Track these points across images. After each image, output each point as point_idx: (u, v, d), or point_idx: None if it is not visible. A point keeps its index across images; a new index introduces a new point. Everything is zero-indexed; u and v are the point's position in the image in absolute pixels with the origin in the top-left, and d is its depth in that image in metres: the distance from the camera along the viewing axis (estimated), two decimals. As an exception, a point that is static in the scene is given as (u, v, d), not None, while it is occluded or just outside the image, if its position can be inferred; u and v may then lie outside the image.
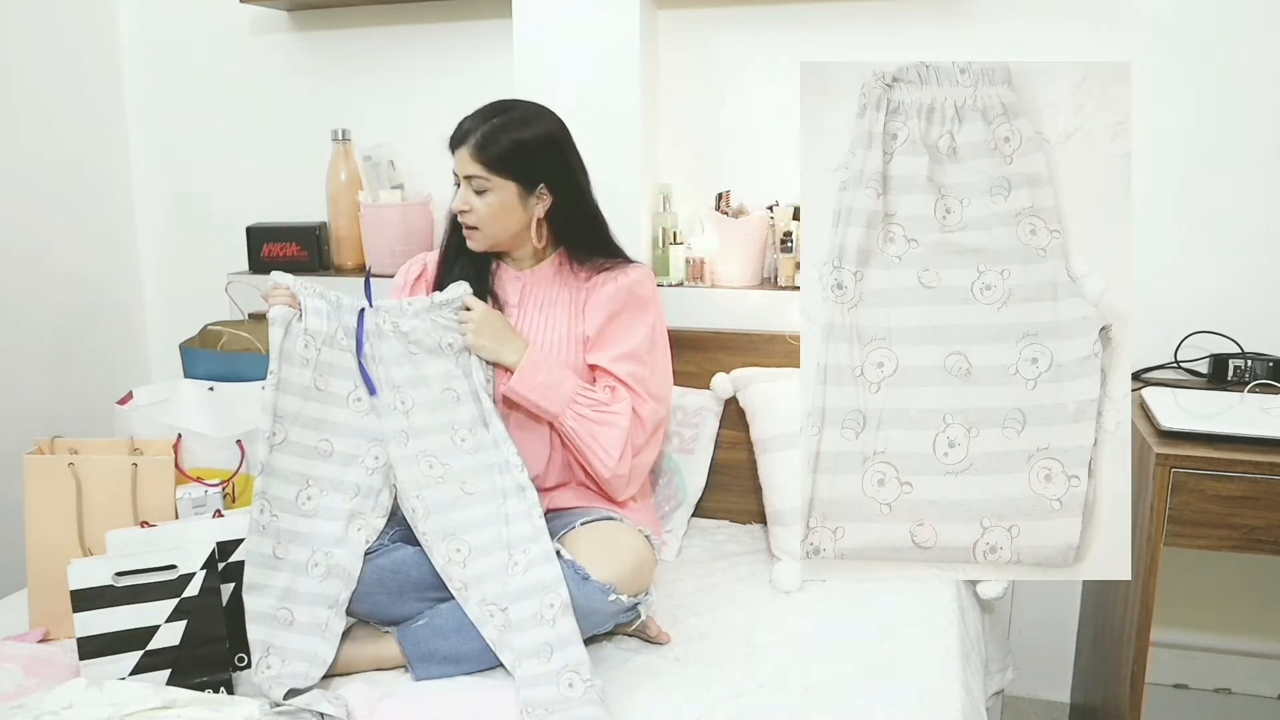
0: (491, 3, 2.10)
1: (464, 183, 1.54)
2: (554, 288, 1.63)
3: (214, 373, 1.91)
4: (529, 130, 1.53)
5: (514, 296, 1.63)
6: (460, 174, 1.54)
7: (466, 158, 1.52)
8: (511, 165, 1.52)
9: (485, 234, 1.57)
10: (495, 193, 1.53)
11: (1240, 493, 1.49)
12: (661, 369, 1.63)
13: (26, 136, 2.16)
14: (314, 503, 1.45)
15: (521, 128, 1.53)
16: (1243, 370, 1.80)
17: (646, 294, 1.61)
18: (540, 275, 1.64)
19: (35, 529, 1.56)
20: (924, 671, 1.39)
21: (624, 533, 1.50)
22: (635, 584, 1.43)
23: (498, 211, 1.54)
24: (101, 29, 2.36)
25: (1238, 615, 2.03)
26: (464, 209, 1.55)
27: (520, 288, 1.64)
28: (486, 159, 1.51)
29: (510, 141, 1.51)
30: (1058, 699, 2.12)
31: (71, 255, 2.29)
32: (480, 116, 1.53)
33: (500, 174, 1.52)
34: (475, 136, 1.51)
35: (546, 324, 1.61)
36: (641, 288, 1.60)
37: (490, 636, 1.38)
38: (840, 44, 1.97)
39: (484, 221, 1.55)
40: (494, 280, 1.65)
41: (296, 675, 1.35)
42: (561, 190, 1.57)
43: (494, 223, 1.55)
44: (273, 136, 2.35)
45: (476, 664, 1.40)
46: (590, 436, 1.52)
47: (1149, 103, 1.83)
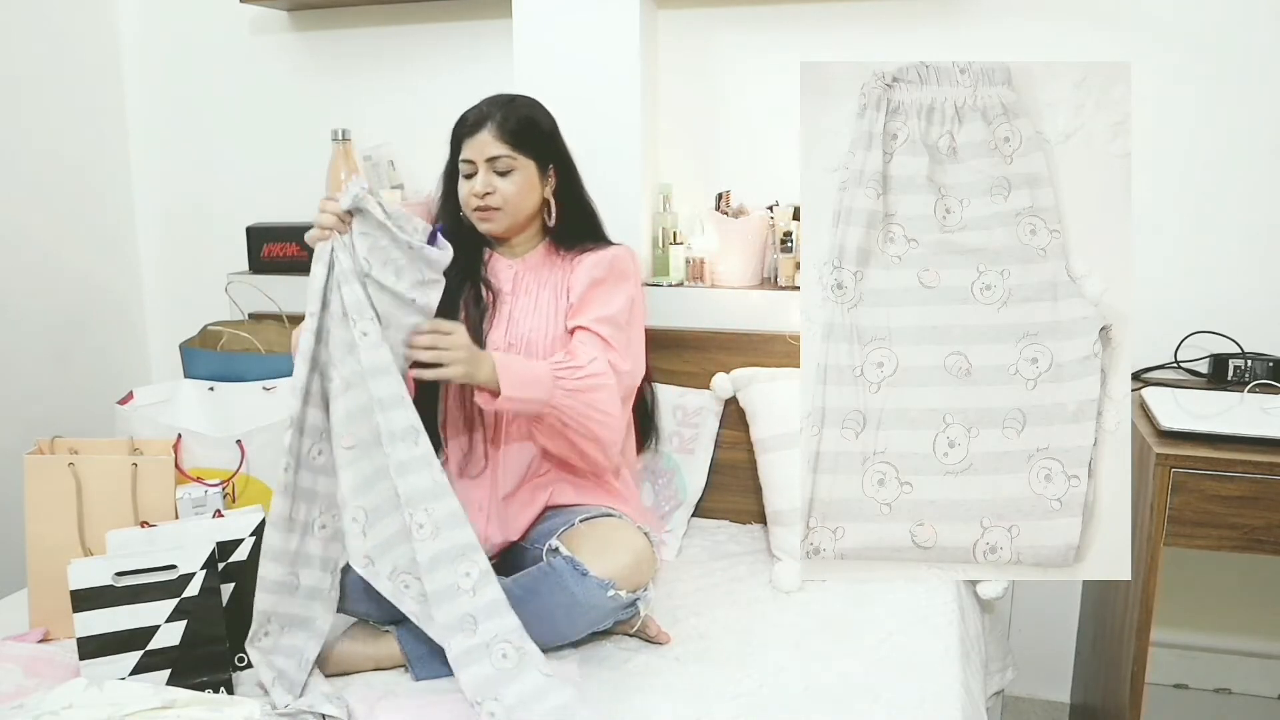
0: (491, 3, 2.10)
1: (484, 166, 1.56)
2: (543, 273, 1.65)
3: (214, 373, 1.91)
4: (538, 112, 1.62)
5: (507, 285, 1.65)
6: (480, 158, 1.56)
7: (490, 139, 1.55)
8: (532, 143, 1.58)
9: (508, 214, 1.59)
10: (520, 171, 1.57)
11: (1240, 493, 1.49)
12: (637, 342, 1.65)
13: (27, 137, 2.16)
14: (324, 457, 1.37)
15: (533, 110, 1.61)
16: (1243, 370, 1.80)
17: (627, 268, 1.64)
18: (531, 262, 1.66)
19: (35, 529, 1.56)
20: (924, 671, 1.39)
21: (623, 529, 1.51)
22: (634, 579, 1.43)
23: (523, 190, 1.58)
24: (101, 29, 2.36)
25: (1238, 615, 2.03)
26: (487, 192, 1.56)
27: (513, 275, 1.65)
28: (512, 138, 1.55)
29: (530, 120, 1.59)
30: (1058, 699, 2.12)
31: (71, 255, 2.29)
32: (493, 104, 1.59)
33: (524, 152, 1.57)
34: (497, 117, 1.56)
35: (535, 307, 1.62)
36: (622, 262, 1.63)
37: (411, 611, 1.33)
38: (840, 44, 1.97)
39: (509, 200, 1.57)
40: (486, 269, 1.66)
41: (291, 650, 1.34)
42: (564, 171, 1.63)
43: (518, 201, 1.58)
44: (273, 136, 2.35)
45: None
46: (585, 405, 1.47)
47: (1149, 103, 1.83)
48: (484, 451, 1.61)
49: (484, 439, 1.61)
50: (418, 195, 2.16)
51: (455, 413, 1.63)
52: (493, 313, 1.62)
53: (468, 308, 1.62)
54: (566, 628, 1.42)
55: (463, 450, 1.62)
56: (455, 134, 1.61)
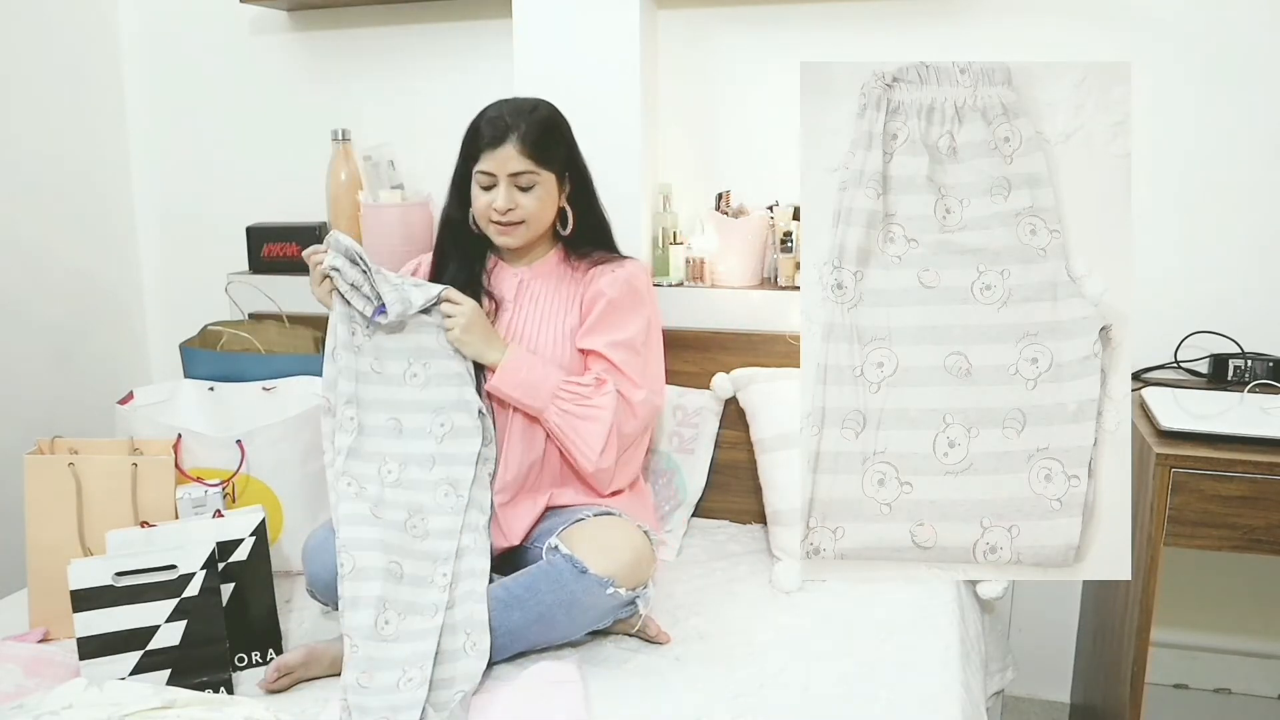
0: (491, 3, 2.10)
1: (506, 181, 1.53)
2: (551, 282, 1.63)
3: (214, 373, 1.91)
4: (558, 120, 1.59)
5: (510, 293, 1.64)
6: (502, 173, 1.53)
7: (514, 154, 1.51)
8: (555, 156, 1.56)
9: (530, 227, 1.57)
10: (542, 185, 1.55)
11: (1240, 493, 1.49)
12: (655, 363, 1.64)
13: (27, 137, 2.16)
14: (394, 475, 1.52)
15: (552, 118, 1.58)
16: (1243, 370, 1.80)
17: (642, 288, 1.62)
18: (539, 271, 1.65)
19: (35, 529, 1.56)
20: (924, 671, 1.39)
21: (622, 527, 1.50)
22: (634, 577, 1.43)
23: (545, 203, 1.56)
24: (101, 29, 2.35)
25: (1238, 615, 2.03)
26: (510, 207, 1.54)
27: (517, 284, 1.64)
28: (535, 151, 1.52)
29: (552, 131, 1.56)
30: (1058, 699, 2.12)
31: (72, 255, 2.29)
32: (516, 114, 1.54)
33: (546, 165, 1.54)
34: (520, 131, 1.52)
35: (543, 320, 1.61)
36: (638, 280, 1.62)
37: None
38: (840, 44, 1.97)
39: (532, 216, 1.56)
40: (489, 279, 1.65)
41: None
42: (578, 179, 1.61)
43: (540, 216, 1.57)
44: (273, 136, 2.35)
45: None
46: (572, 430, 1.52)
47: (1149, 103, 1.83)
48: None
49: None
50: (418, 195, 2.16)
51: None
52: (494, 322, 1.61)
53: None
54: (566, 626, 1.42)
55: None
56: (472, 142, 1.56)
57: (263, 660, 1.46)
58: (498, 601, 1.42)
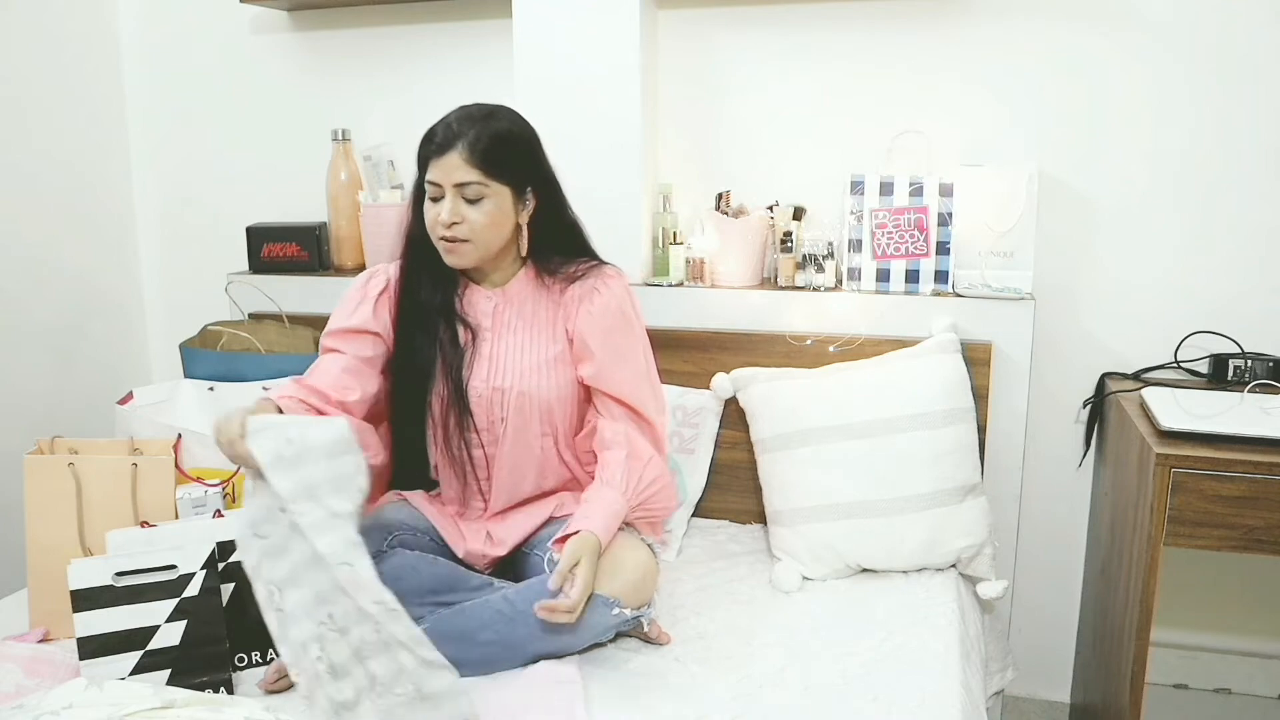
0: (491, 3, 2.10)
1: (451, 192, 1.40)
2: (528, 305, 1.53)
3: (214, 373, 1.91)
4: (518, 129, 1.45)
5: (486, 319, 1.53)
6: (447, 183, 1.40)
7: (459, 163, 1.38)
8: (509, 168, 1.42)
9: (477, 247, 1.43)
10: (492, 199, 1.41)
11: (1240, 493, 1.49)
12: (657, 380, 1.60)
13: (27, 136, 2.16)
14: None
15: (511, 127, 1.44)
16: (1243, 370, 1.80)
17: (628, 308, 1.53)
18: (514, 292, 1.53)
19: (35, 529, 1.56)
20: (924, 671, 1.39)
21: (629, 545, 1.46)
22: (639, 596, 1.42)
23: (495, 220, 1.43)
24: (101, 29, 2.35)
25: (1238, 615, 2.03)
26: (455, 221, 1.40)
27: (493, 308, 1.53)
28: (484, 162, 1.39)
29: (505, 140, 1.41)
30: (1058, 699, 2.12)
31: (71, 255, 2.29)
32: (465, 120, 1.41)
33: (498, 177, 1.41)
34: (468, 138, 1.39)
35: (524, 349, 1.52)
36: (623, 303, 1.52)
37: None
38: (840, 44, 1.97)
39: (478, 233, 1.42)
40: (462, 304, 1.53)
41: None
42: (546, 193, 1.48)
43: (488, 233, 1.43)
44: (273, 136, 2.35)
45: (478, 669, 1.38)
46: (648, 513, 1.52)
47: (1149, 103, 1.83)
48: (478, 489, 1.57)
49: (475, 478, 1.56)
50: (418, 195, 2.16)
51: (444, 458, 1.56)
52: (472, 353, 1.51)
53: (444, 350, 1.50)
54: (570, 639, 1.40)
55: (456, 490, 1.58)
56: (421, 150, 1.43)
57: (263, 660, 1.46)
58: (501, 615, 1.39)
